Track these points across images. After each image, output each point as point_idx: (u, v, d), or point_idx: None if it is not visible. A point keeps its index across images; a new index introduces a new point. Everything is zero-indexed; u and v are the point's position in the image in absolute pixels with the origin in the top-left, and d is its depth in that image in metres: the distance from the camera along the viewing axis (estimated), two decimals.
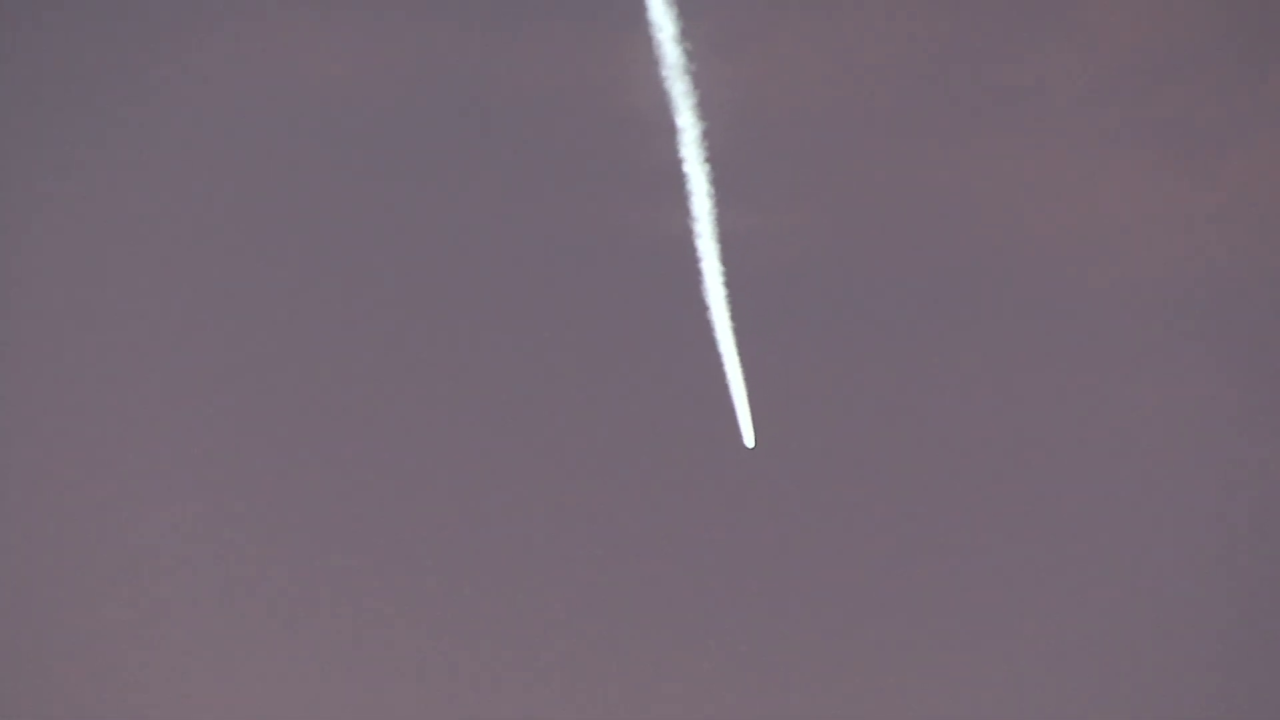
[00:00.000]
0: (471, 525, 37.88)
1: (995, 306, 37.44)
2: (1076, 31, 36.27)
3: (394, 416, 38.40)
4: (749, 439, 36.16)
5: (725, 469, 36.80)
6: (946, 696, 37.30)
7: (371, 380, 38.39)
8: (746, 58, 36.26)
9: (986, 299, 37.45)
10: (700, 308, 36.30)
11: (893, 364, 37.35)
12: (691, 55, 34.45)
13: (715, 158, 35.35)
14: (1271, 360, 36.78)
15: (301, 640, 37.36)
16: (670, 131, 35.34)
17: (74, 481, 37.95)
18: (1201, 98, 35.77)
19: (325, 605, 37.82)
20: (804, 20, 36.26)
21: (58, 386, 38.80)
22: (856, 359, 37.32)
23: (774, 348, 37.17)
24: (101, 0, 38.69)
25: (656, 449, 37.09)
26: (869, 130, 36.76)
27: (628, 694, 36.92)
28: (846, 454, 37.23)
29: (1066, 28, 36.18)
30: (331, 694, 37.51)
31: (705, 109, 34.97)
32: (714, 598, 37.55)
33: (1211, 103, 35.90)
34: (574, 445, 37.66)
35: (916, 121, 36.64)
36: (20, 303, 38.85)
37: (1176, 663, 37.17)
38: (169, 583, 37.70)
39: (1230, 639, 37.21)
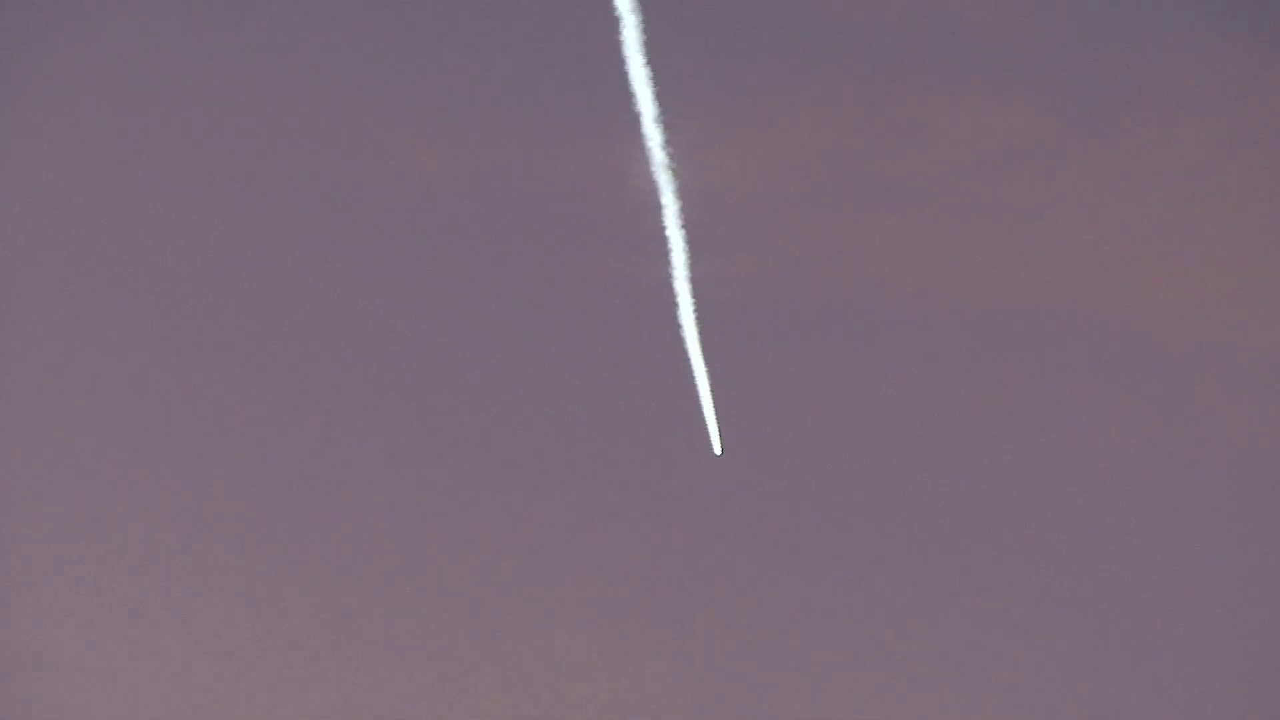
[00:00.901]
0: (465, 534, 38.42)
1: (917, 327, 39.47)
2: (940, 132, 39.59)
3: (395, 423, 39.14)
4: (717, 446, 39.43)
5: (695, 472, 39.22)
6: (922, 705, 37.01)
7: (380, 386, 39.31)
8: (713, 156, 41.21)
9: (907, 322, 39.34)
10: (677, 332, 39.66)
11: (838, 377, 39.82)
12: (673, 155, 39.98)
13: (689, 226, 40.10)
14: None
15: (277, 643, 36.95)
16: (657, 208, 39.93)
17: (65, 480, 37.37)
18: (1032, 176, 38.86)
19: (296, 613, 37.11)
20: (756, 133, 40.99)
21: (50, 385, 37.71)
22: (804, 374, 39.97)
23: (736, 365, 39.94)
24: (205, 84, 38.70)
25: (636, 450, 39.46)
26: (807, 204, 40.73)
27: (595, 701, 37.13)
28: (801, 459, 39.24)
29: (929, 133, 39.44)
30: (316, 696, 36.87)
31: (683, 192, 40.15)
32: (700, 602, 38.13)
33: (1039, 181, 38.78)
34: (566, 441, 39.36)
35: (842, 197, 40.56)
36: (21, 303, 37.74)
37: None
38: (162, 583, 37.11)
39: (1233, 644, 36.53)
